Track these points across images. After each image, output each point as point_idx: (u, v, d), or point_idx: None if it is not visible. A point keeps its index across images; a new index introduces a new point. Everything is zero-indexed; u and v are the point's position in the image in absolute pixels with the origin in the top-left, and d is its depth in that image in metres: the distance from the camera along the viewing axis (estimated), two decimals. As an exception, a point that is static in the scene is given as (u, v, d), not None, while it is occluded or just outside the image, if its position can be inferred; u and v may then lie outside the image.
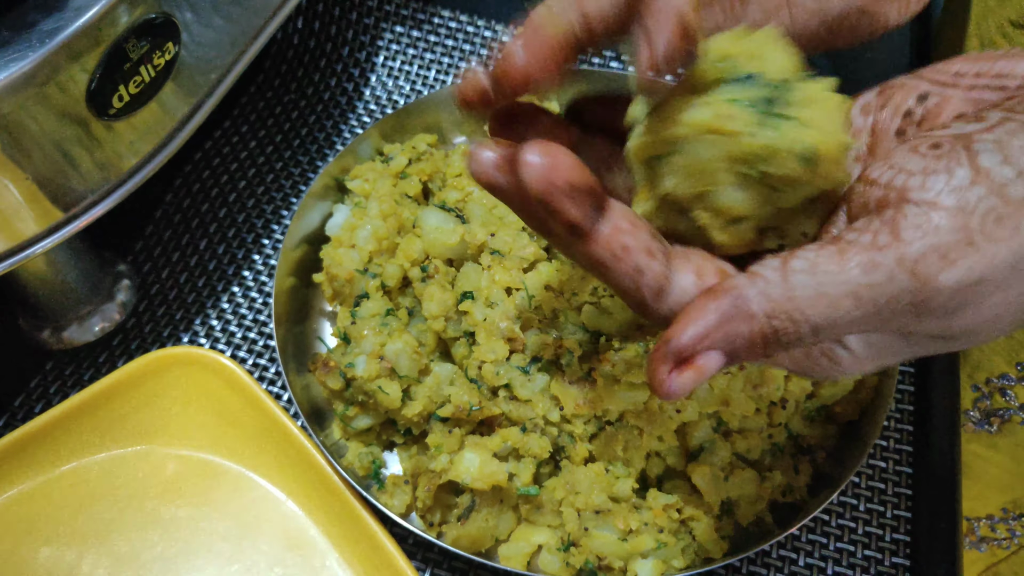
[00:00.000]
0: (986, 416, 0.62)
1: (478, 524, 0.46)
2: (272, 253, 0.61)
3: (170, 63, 0.47)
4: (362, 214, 0.53)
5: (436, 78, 0.69)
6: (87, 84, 0.42)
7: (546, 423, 0.47)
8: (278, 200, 0.63)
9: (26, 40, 0.40)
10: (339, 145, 0.66)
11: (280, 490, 0.49)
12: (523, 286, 0.50)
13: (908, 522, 0.51)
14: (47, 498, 0.49)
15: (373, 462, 0.50)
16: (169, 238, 0.60)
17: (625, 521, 0.45)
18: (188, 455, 0.50)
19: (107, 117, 0.44)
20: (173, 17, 0.46)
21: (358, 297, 0.52)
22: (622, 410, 0.47)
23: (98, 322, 0.55)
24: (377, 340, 0.48)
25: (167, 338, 0.56)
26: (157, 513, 0.49)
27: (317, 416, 0.51)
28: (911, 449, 0.53)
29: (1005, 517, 0.66)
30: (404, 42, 0.70)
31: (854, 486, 0.52)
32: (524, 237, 0.52)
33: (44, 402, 0.54)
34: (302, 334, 0.55)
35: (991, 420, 0.62)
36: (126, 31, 0.43)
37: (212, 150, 0.64)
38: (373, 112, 0.67)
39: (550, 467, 0.48)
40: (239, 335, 0.57)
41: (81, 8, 0.41)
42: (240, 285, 0.59)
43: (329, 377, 0.48)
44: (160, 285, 0.58)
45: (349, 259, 0.52)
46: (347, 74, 0.69)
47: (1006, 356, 0.60)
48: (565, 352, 0.48)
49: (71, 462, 0.50)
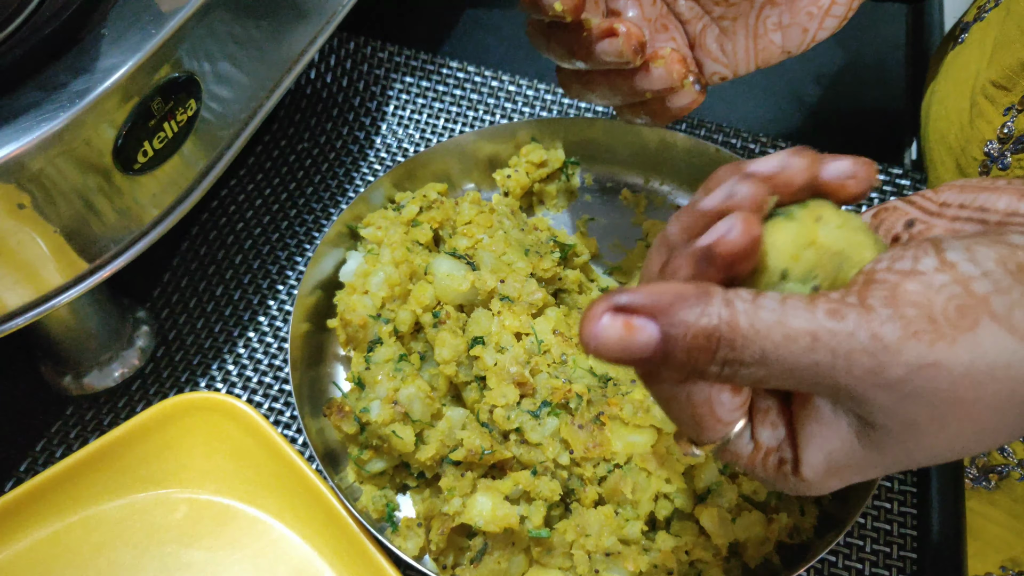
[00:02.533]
0: (984, 473, 0.63)
1: (491, 566, 0.47)
2: (287, 299, 0.62)
3: (192, 119, 0.49)
4: (375, 261, 0.55)
5: (445, 127, 0.71)
6: (114, 141, 0.44)
7: (556, 466, 0.48)
8: (292, 247, 0.64)
9: (56, 100, 0.42)
10: (351, 192, 0.67)
11: (296, 533, 0.50)
12: (532, 331, 0.52)
13: (914, 563, 0.51)
14: (68, 542, 0.50)
15: (387, 505, 0.51)
16: (186, 285, 0.62)
17: (635, 563, 0.46)
18: (206, 499, 0.51)
19: (132, 172, 0.46)
20: (195, 75, 0.48)
21: (371, 342, 0.53)
22: (630, 453, 0.48)
23: (118, 368, 0.56)
24: (391, 385, 0.49)
25: (185, 383, 0.58)
26: (175, 557, 0.50)
27: (332, 459, 0.52)
28: (915, 490, 0.54)
29: (1004, 575, 0.66)
30: (414, 92, 0.72)
31: (860, 527, 0.53)
32: (532, 283, 0.53)
33: (64, 447, 0.55)
34: (317, 378, 0.56)
35: (989, 477, 0.62)
36: (152, 90, 0.45)
37: (228, 198, 0.66)
38: (384, 160, 0.69)
39: (560, 509, 0.49)
40: (255, 380, 0.58)
41: (109, 69, 0.43)
42: (256, 330, 0.60)
43: (344, 421, 0.50)
44: (178, 331, 0.60)
45: (362, 305, 0.53)
46: (359, 123, 0.71)
47: None
48: (574, 396, 0.49)
49: (91, 507, 0.51)
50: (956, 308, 0.25)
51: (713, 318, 0.27)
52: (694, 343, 0.27)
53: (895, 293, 0.26)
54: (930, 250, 0.27)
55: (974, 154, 0.59)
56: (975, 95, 0.59)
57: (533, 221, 0.63)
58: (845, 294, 0.27)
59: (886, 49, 0.77)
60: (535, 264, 0.55)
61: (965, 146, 0.60)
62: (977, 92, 0.59)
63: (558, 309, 0.54)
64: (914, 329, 0.25)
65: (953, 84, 0.64)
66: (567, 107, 0.71)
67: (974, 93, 0.59)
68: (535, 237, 0.59)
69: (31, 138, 0.40)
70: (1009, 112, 0.55)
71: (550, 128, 0.64)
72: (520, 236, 0.57)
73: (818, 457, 0.29)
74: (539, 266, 0.55)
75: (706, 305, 0.27)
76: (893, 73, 0.76)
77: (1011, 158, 0.55)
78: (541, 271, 0.55)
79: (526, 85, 0.72)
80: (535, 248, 0.57)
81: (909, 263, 0.27)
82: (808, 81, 0.75)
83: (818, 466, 0.30)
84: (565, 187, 0.65)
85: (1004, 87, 0.56)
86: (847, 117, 0.74)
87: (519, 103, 0.71)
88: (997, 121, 0.57)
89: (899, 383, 0.26)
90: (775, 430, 0.31)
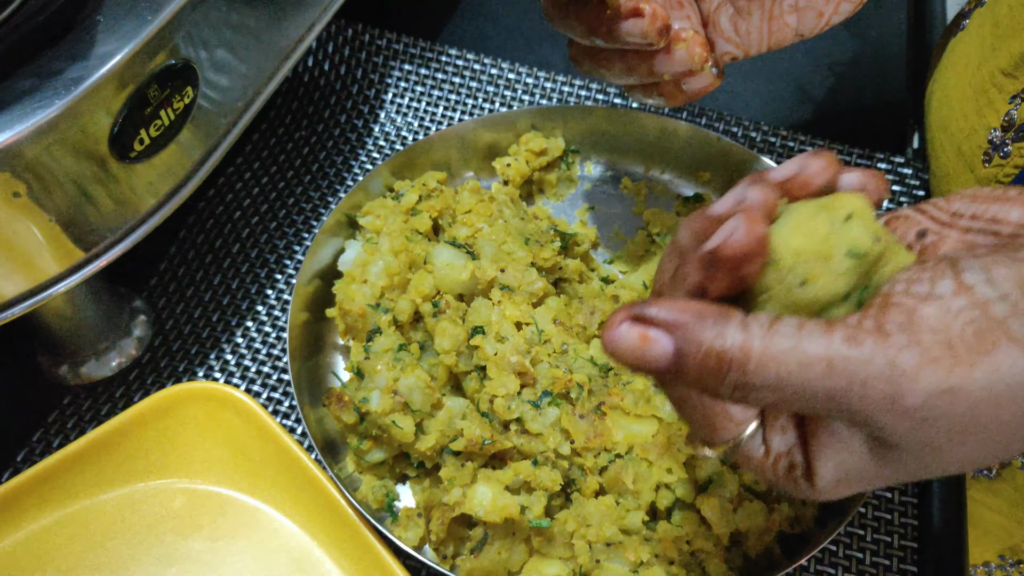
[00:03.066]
0: None
1: (491, 557, 0.47)
2: (285, 288, 0.62)
3: (189, 106, 0.48)
4: (374, 250, 0.54)
5: (444, 115, 0.70)
6: (110, 129, 0.44)
7: (557, 456, 0.48)
8: (290, 236, 0.64)
9: (52, 87, 0.42)
10: (349, 181, 0.67)
11: (295, 523, 0.50)
12: (533, 321, 0.51)
13: (915, 552, 0.51)
14: (66, 533, 0.49)
15: (386, 495, 0.51)
16: (183, 274, 0.61)
17: (636, 553, 0.46)
18: (204, 489, 0.51)
19: (128, 160, 0.46)
20: (192, 63, 0.47)
21: (370, 332, 0.53)
22: (631, 443, 0.48)
23: (115, 357, 0.56)
24: (391, 375, 0.49)
25: (182, 373, 0.57)
26: (173, 547, 0.49)
27: (331, 449, 0.52)
28: (916, 479, 0.54)
29: (1002, 564, 0.66)
30: (412, 79, 0.72)
31: (861, 516, 0.53)
32: (533, 272, 0.53)
33: (62, 437, 0.55)
34: (315, 368, 0.56)
35: (990, 465, 0.62)
36: (148, 77, 0.44)
37: (224, 187, 0.65)
38: (382, 148, 0.69)
39: (561, 500, 0.49)
40: (253, 369, 0.58)
41: (105, 56, 0.43)
42: (254, 320, 0.60)
43: (344, 411, 0.49)
44: (175, 320, 0.59)
45: (361, 294, 0.53)
46: (357, 111, 0.70)
47: None
48: (575, 386, 0.49)
49: (89, 497, 0.50)
50: (974, 333, 0.25)
51: (727, 340, 0.27)
52: (705, 362, 0.27)
53: (912, 319, 0.26)
54: (948, 272, 0.27)
55: (977, 142, 0.59)
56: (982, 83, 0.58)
57: (533, 210, 0.62)
58: (862, 318, 0.27)
59: (889, 37, 0.77)
60: (535, 253, 0.55)
61: (969, 134, 0.60)
62: (984, 79, 0.58)
63: (559, 298, 0.54)
64: (932, 356, 0.25)
65: (955, 72, 0.63)
66: (567, 95, 0.70)
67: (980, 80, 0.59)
68: (535, 226, 0.58)
69: (26, 126, 0.40)
70: (1015, 100, 0.55)
71: (550, 116, 0.64)
72: (520, 225, 0.57)
73: (830, 468, 0.30)
74: (539, 255, 0.55)
75: (723, 327, 0.27)
76: (895, 62, 0.75)
77: (1012, 146, 0.55)
78: (541, 260, 0.55)
79: (526, 73, 0.71)
80: (535, 237, 0.56)
81: (927, 286, 0.27)
82: (810, 69, 0.75)
83: (829, 477, 0.30)
84: (565, 176, 0.65)
85: (1012, 75, 0.56)
86: (849, 106, 0.73)
87: (519, 91, 0.71)
88: (1003, 109, 0.57)
89: (916, 409, 0.26)
90: (785, 435, 0.31)
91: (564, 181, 0.65)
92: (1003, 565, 0.66)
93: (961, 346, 0.25)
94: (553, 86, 0.71)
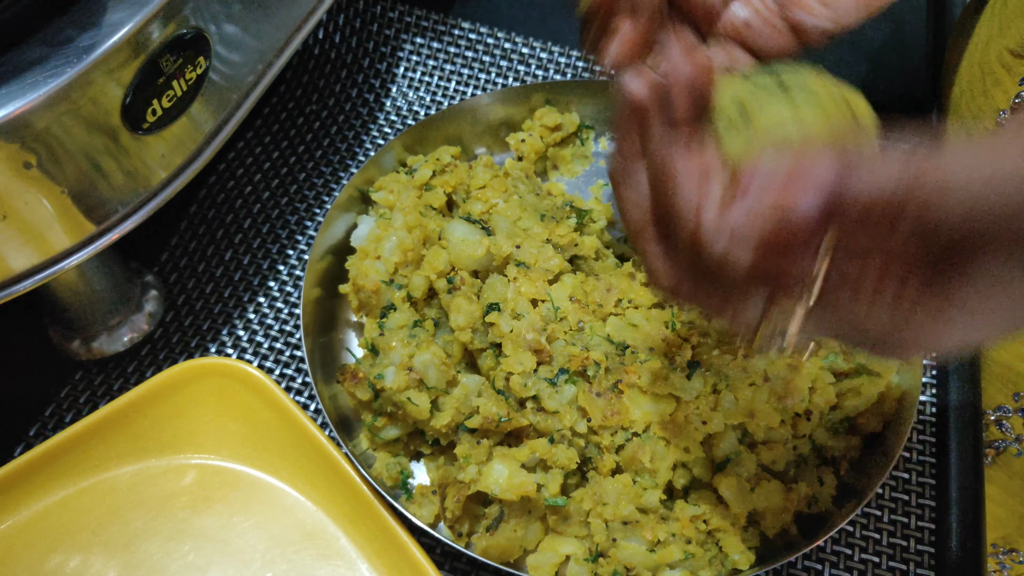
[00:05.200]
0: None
1: (507, 534, 0.46)
2: (297, 263, 0.61)
3: (201, 77, 0.47)
4: (387, 225, 0.54)
5: (456, 89, 0.69)
6: (122, 99, 0.43)
7: (573, 434, 0.48)
8: (302, 211, 0.63)
9: (63, 56, 0.41)
10: (361, 156, 0.66)
11: (308, 499, 0.50)
12: (548, 298, 0.51)
13: (932, 533, 0.51)
14: (78, 508, 0.49)
15: (401, 472, 0.50)
16: (195, 249, 0.61)
17: (653, 532, 0.45)
18: (217, 465, 0.51)
19: (140, 131, 0.45)
20: (204, 32, 0.46)
21: (384, 308, 0.52)
22: (648, 421, 0.48)
23: (127, 332, 0.55)
24: (405, 352, 0.49)
25: (194, 348, 0.57)
26: (187, 523, 0.49)
27: (345, 426, 0.51)
28: (934, 461, 0.53)
29: (995, 552, 0.65)
30: (424, 53, 0.70)
31: (878, 497, 0.52)
32: (549, 249, 0.52)
33: (74, 412, 0.54)
34: (329, 344, 0.55)
35: (986, 452, 0.62)
36: (160, 46, 0.44)
37: (236, 161, 0.65)
38: (394, 123, 0.68)
39: (577, 478, 0.49)
40: (266, 345, 0.58)
41: (116, 24, 0.42)
42: (266, 295, 0.59)
43: (358, 388, 0.49)
44: (187, 295, 0.59)
45: (375, 270, 0.52)
46: (368, 84, 0.69)
47: (1003, 388, 0.60)
48: (591, 364, 0.48)
49: (102, 472, 0.50)
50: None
51: (893, 176, 0.26)
52: (872, 214, 0.27)
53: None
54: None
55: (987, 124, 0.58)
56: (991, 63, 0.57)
57: (547, 186, 0.61)
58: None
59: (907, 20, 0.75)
60: (551, 230, 0.54)
61: (977, 115, 0.59)
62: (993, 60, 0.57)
63: (574, 276, 0.53)
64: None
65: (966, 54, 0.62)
66: (582, 70, 0.69)
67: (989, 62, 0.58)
68: (550, 202, 0.57)
69: (36, 95, 0.39)
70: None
71: (565, 91, 0.63)
72: (535, 201, 0.56)
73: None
74: (555, 232, 0.54)
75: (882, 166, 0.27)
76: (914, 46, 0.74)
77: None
78: (557, 237, 0.54)
79: (540, 47, 0.70)
80: (551, 214, 0.56)
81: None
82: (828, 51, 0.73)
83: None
84: (579, 152, 0.64)
85: (1020, 55, 0.54)
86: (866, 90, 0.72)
87: (532, 66, 0.70)
88: (1013, 90, 0.55)
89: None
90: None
91: (578, 157, 0.64)
92: (995, 553, 0.66)
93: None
94: (568, 61, 0.70)
